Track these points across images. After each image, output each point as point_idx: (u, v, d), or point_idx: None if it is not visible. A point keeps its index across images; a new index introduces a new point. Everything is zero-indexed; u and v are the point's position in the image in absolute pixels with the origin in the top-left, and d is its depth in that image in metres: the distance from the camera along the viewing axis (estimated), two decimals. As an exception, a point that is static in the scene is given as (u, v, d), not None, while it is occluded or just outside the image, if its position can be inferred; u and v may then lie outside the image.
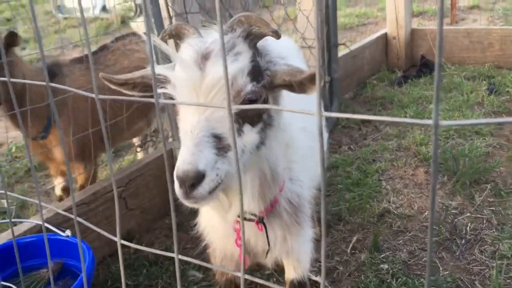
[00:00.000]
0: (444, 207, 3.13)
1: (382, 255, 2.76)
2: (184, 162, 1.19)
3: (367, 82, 5.53)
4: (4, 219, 3.21)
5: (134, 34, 3.58)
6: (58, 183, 3.23)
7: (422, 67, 5.69)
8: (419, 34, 5.97)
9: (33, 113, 2.68)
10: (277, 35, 1.35)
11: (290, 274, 2.05)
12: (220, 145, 1.26)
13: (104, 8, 9.55)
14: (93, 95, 0.81)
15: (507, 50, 5.57)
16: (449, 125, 0.48)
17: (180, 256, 0.79)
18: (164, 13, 2.89)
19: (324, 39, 4.29)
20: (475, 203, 3.15)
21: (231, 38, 1.35)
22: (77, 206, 2.68)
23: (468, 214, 3.06)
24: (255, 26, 1.37)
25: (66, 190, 3.21)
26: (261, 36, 1.38)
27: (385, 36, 5.98)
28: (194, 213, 1.98)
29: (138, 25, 4.54)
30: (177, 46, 1.49)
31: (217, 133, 1.26)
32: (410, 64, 6.03)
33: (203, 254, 2.29)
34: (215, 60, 1.28)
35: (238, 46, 1.34)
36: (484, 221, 2.98)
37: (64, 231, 2.33)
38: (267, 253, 1.81)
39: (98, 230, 0.86)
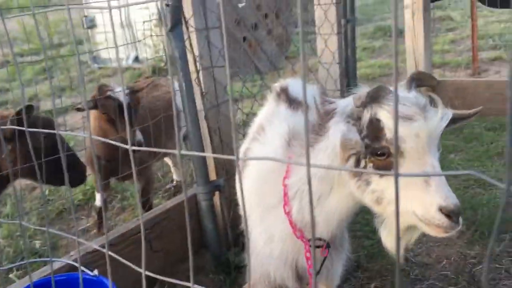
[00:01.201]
0: (462, 256, 3.15)
1: (399, 303, 2.78)
2: (453, 197, 1.43)
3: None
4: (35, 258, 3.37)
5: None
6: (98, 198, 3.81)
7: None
8: (441, 85, 6.06)
9: None
10: (437, 83, 1.67)
11: None
12: None
13: (136, 59, 10.05)
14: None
15: (528, 101, 5.59)
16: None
17: (195, 286, 0.91)
18: (191, 67, 3.09)
19: (344, 90, 4.46)
20: (493, 253, 3.16)
21: (417, 94, 1.59)
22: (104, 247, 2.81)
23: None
24: (424, 81, 1.67)
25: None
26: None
27: (406, 87, 6.11)
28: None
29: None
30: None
31: None
32: (431, 114, 6.10)
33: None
34: (432, 110, 1.52)
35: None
36: (503, 271, 2.99)
37: (92, 271, 2.47)
38: (316, 275, 1.95)
39: (129, 264, 1.00)
